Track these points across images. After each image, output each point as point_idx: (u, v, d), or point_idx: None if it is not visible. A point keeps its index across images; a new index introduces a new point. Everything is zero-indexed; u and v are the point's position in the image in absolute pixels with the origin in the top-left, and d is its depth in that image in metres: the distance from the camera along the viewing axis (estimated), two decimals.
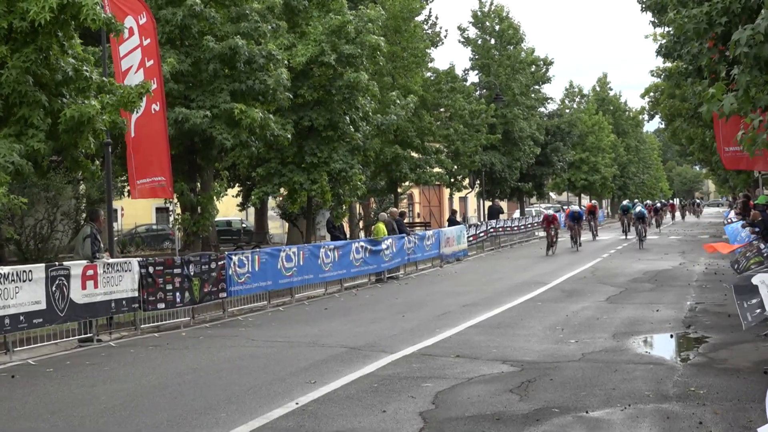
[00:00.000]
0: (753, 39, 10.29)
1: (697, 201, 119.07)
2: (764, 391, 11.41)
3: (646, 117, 73.34)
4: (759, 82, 11.00)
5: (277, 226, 60.62)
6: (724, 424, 9.88)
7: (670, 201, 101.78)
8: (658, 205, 68.11)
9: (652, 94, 52.25)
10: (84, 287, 17.56)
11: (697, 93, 23.94)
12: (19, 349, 16.17)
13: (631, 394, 11.47)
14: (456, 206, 63.68)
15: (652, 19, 29.96)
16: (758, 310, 12.33)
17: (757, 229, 17.62)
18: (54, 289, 16.74)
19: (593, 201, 66.43)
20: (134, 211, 54.94)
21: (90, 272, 17.81)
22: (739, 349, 14.89)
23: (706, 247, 30.32)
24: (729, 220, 32.89)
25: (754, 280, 12.49)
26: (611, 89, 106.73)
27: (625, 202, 61.37)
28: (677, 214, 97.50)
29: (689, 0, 18.22)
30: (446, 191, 66.62)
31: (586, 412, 10.56)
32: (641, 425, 9.92)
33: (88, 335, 17.83)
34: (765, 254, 15.70)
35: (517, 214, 70.76)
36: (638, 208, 47.96)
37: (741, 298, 12.97)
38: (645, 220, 42.66)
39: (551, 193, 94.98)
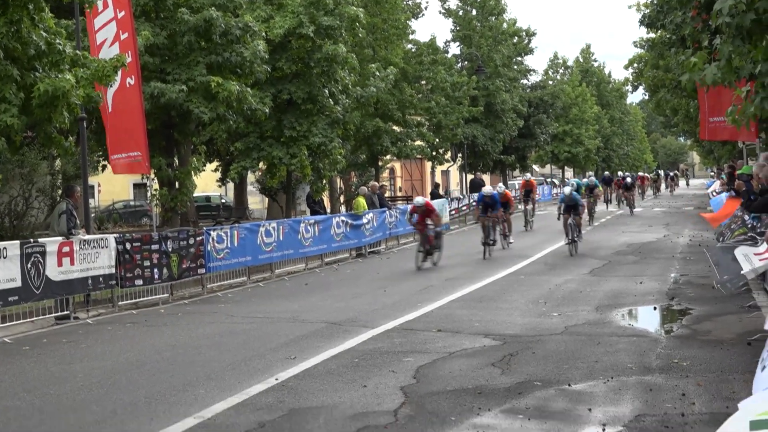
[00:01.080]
0: (735, 8, 10.28)
1: (671, 174, 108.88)
2: (747, 362, 11.51)
3: (629, 88, 73.19)
4: (742, 52, 10.99)
5: (256, 201, 60.54)
6: (707, 395, 9.92)
7: (642, 174, 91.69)
8: (629, 180, 56.01)
9: (635, 65, 52.11)
10: (60, 264, 17.55)
11: (681, 63, 23.94)
12: None
13: (613, 367, 11.51)
14: (438, 180, 63.41)
15: None
16: (734, 277, 12.41)
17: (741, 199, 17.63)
18: (29, 266, 16.72)
19: (528, 176, 60.49)
20: (112, 188, 54.80)
21: (66, 249, 17.79)
22: (723, 320, 14.96)
23: (706, 217, 30.34)
24: (714, 192, 32.86)
25: (737, 252, 12.56)
26: (595, 60, 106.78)
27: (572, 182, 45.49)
28: (662, 186, 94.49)
29: None
30: (428, 165, 66.31)
31: (569, 385, 10.59)
32: (623, 398, 9.96)
33: (65, 313, 17.81)
34: (749, 225, 15.72)
35: (500, 186, 70.65)
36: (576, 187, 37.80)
37: (718, 261, 13.04)
38: (577, 210, 30.31)
39: (534, 166, 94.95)
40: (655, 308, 16.90)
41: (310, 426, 9.08)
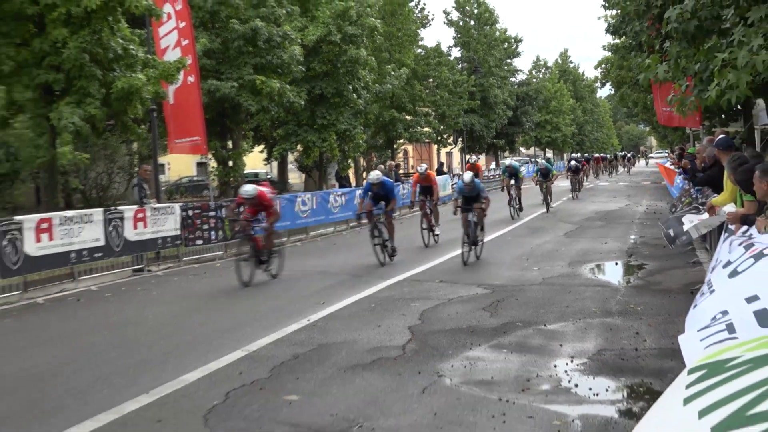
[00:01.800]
0: (681, 17, 10.26)
1: (628, 155, 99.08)
2: (690, 307, 11.52)
3: (599, 85, 72.71)
4: (687, 54, 10.96)
5: (295, 177, 60.48)
6: (656, 334, 9.95)
7: (598, 155, 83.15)
8: (573, 164, 43.43)
9: (603, 65, 51.80)
10: (135, 227, 17.73)
11: (638, 64, 23.88)
12: (84, 277, 16.39)
13: (581, 311, 11.55)
14: (443, 159, 63.49)
15: (603, 3, 29.79)
16: (681, 236, 12.39)
17: (686, 175, 17.60)
18: (111, 229, 16.97)
19: (472, 158, 48.07)
20: (179, 166, 54.89)
21: (140, 215, 17.96)
22: (672, 274, 14.96)
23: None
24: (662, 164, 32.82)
25: (684, 219, 12.53)
26: (571, 62, 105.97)
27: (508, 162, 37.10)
28: (619, 167, 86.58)
29: None
30: (434, 147, 66.48)
31: (544, 326, 10.63)
32: (588, 336, 10.00)
33: (140, 266, 18.03)
34: (694, 195, 15.69)
35: (492, 165, 70.62)
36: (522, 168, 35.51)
37: (669, 225, 13.01)
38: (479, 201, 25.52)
39: (521, 148, 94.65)
40: (616, 264, 16.90)
41: (334, 358, 9.14)
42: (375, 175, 18.16)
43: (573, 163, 43.52)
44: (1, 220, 14.57)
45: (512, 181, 29.43)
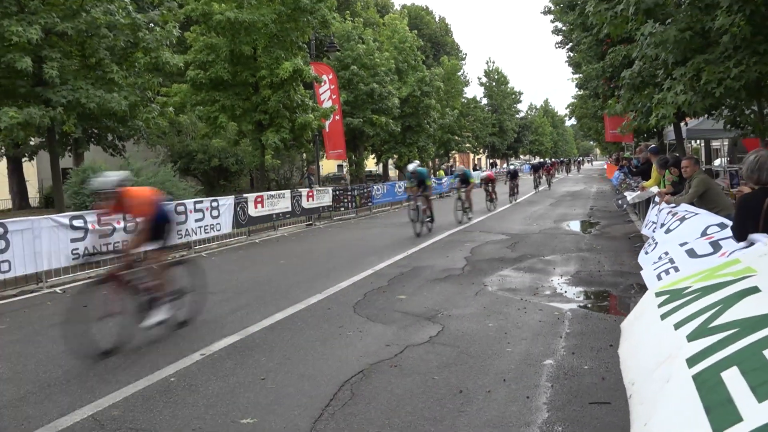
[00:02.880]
0: (631, 75, 9.81)
1: (577, 159, 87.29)
2: (629, 247, 11.06)
3: (567, 118, 70.57)
4: (633, 97, 10.51)
5: (392, 173, 60.58)
6: (610, 261, 9.59)
7: (554, 160, 64.84)
8: (512, 168, 29.77)
9: (570, 106, 50.32)
10: (307, 200, 17.78)
11: (596, 105, 23.12)
12: (279, 229, 16.45)
13: (564, 249, 11.20)
14: (475, 162, 62.63)
15: (572, 71, 28.78)
16: (624, 204, 11.94)
17: (625, 170, 16.84)
18: (294, 201, 17.00)
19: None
20: (327, 167, 55.01)
21: (310, 193, 18.01)
22: (615, 227, 14.39)
23: (608, 175, 29.38)
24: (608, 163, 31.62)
25: (625, 194, 12.04)
26: (550, 105, 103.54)
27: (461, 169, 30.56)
28: (572, 168, 71.99)
29: (593, 59, 17.41)
30: (471, 155, 65.65)
31: (543, 257, 10.33)
32: (570, 263, 9.67)
33: (310, 222, 18.03)
34: (629, 182, 15.03)
35: (504, 166, 69.23)
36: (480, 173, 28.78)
37: (616, 199, 12.57)
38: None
39: (521, 156, 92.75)
40: (582, 221, 16.37)
41: (423, 274, 9.02)
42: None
43: (511, 167, 30.49)
44: (236, 196, 14.82)
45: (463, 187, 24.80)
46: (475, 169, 43.00)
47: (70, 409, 4.31)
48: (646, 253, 5.61)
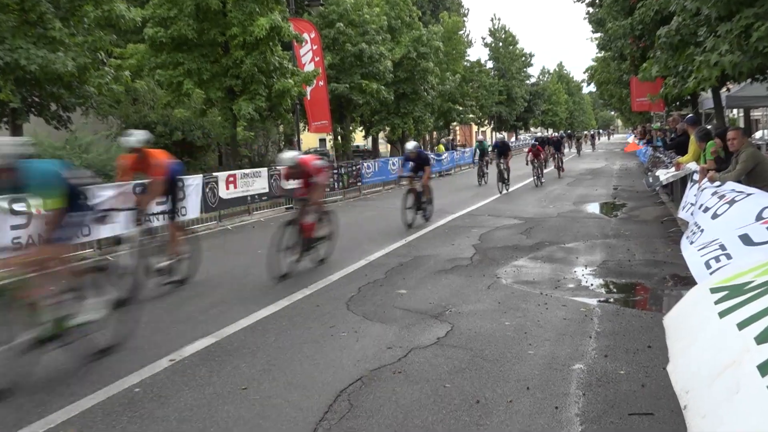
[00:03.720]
0: (669, 33, 9.73)
1: (591, 133, 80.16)
2: (662, 232, 11.06)
3: (585, 84, 70.54)
4: (670, 59, 10.44)
5: (383, 148, 60.45)
6: (642, 250, 9.58)
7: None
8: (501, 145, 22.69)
9: (589, 71, 50.26)
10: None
11: (621, 69, 23.10)
12: (255, 213, 16.34)
13: (587, 235, 11.18)
14: (480, 136, 62.73)
15: (592, 29, 28.67)
16: (657, 182, 11.99)
17: (658, 143, 16.84)
18: (272, 181, 16.88)
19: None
20: (308, 141, 54.78)
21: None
22: (645, 210, 14.42)
23: (626, 149, 29.53)
24: (635, 141, 31.69)
25: (658, 173, 12.03)
26: (565, 69, 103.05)
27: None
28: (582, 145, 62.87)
29: (619, 15, 17.31)
30: (474, 128, 65.69)
31: (564, 244, 10.31)
32: (595, 251, 9.66)
33: (290, 206, 17.83)
34: (660, 157, 15.02)
35: (513, 138, 69.35)
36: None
37: (647, 180, 12.58)
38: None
39: (531, 128, 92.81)
40: (606, 203, 16.38)
41: (426, 265, 8.98)
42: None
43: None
44: (205, 175, 14.67)
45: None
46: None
47: (16, 427, 4.20)
48: (691, 242, 5.56)
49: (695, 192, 8.19)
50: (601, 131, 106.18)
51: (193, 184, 13.88)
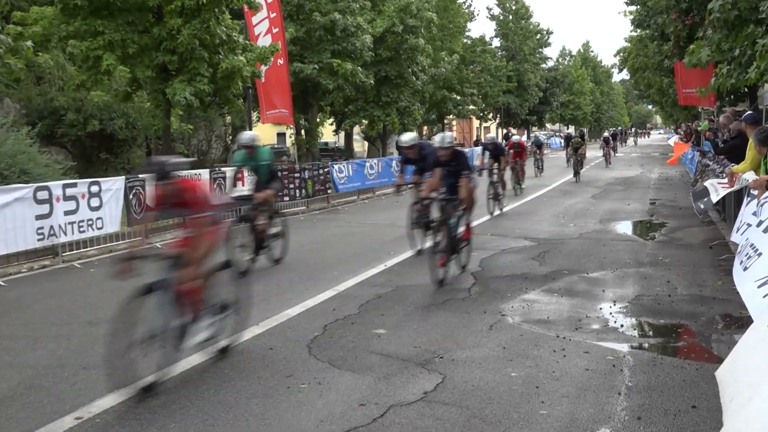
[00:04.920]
0: (723, 7, 9.87)
1: (612, 132, 70.26)
2: (711, 260, 11.18)
3: (616, 70, 71.61)
4: (726, 40, 10.57)
5: (359, 146, 60.70)
6: (685, 281, 9.67)
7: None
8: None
9: (622, 54, 51.03)
10: (234, 185, 17.58)
11: (662, 51, 23.37)
12: None
13: (617, 262, 11.25)
14: (482, 134, 63.22)
15: (626, 0, 29.09)
16: (706, 200, 12.11)
17: (706, 147, 17.06)
18: (215, 186, 16.88)
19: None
20: (262, 135, 54.72)
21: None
22: (690, 231, 14.56)
23: (669, 163, 29.81)
24: (676, 141, 32.12)
25: (706, 183, 12.17)
26: (591, 51, 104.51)
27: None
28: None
29: None
30: (475, 122, 66.24)
31: (587, 274, 10.37)
32: (626, 283, 9.73)
33: (242, 215, 17.91)
34: (710, 166, 15.23)
35: (524, 137, 70.06)
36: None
37: (696, 199, 12.71)
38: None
39: (547, 124, 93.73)
40: (641, 221, 16.54)
41: (411, 298, 8.98)
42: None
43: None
44: (128, 177, 14.55)
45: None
46: (476, 144, 43.20)
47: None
48: (745, 269, 5.61)
49: (754, 209, 8.27)
50: (624, 131, 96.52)
51: (113, 189, 13.76)
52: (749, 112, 12.05)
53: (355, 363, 6.48)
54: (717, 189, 11.62)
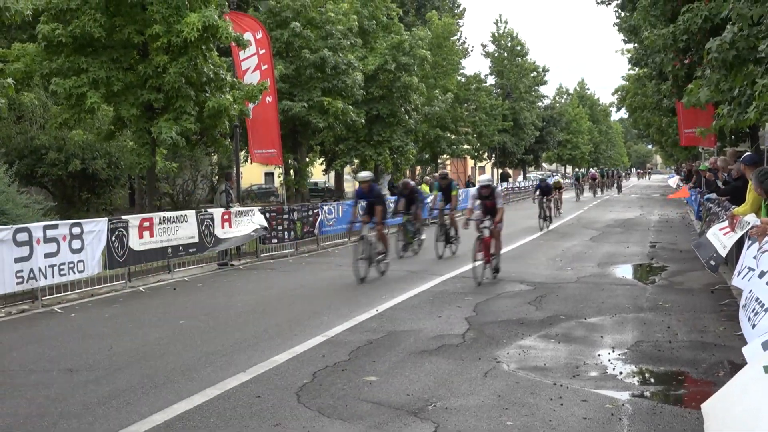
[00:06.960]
0: (721, 47, 10.04)
1: (620, 171, 76.70)
2: (713, 305, 11.26)
3: (614, 109, 72.18)
4: (724, 80, 10.75)
5: (350, 186, 60.95)
6: (686, 327, 9.73)
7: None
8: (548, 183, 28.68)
9: (619, 92, 51.63)
10: (222, 227, 17.65)
11: (661, 90, 23.65)
12: (177, 270, 16.29)
13: (615, 307, 11.32)
14: (477, 174, 63.60)
15: (624, 38, 29.44)
16: (715, 255, 12.17)
17: (716, 200, 17.17)
18: (203, 228, 16.91)
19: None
20: (249, 175, 55.23)
21: (226, 217, 17.89)
22: (691, 275, 14.65)
23: (669, 198, 30.01)
24: (678, 184, 32.36)
25: (708, 235, 12.26)
26: (588, 89, 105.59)
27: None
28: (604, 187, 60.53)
29: (658, 22, 17.87)
30: (469, 161, 66.56)
31: (585, 319, 10.43)
32: (625, 329, 9.78)
33: (225, 261, 17.94)
34: (715, 211, 15.35)
35: (520, 178, 70.32)
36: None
37: (701, 253, 12.78)
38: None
39: (544, 164, 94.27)
40: (640, 265, 16.63)
41: (404, 344, 9.00)
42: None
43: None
44: (110, 219, 14.60)
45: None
46: (468, 185, 43.22)
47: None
48: (753, 326, 5.65)
49: (754, 253, 8.35)
50: (621, 172, 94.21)
51: (94, 230, 13.80)
52: (748, 153, 12.23)
53: (345, 411, 6.50)
54: (720, 239, 11.70)
